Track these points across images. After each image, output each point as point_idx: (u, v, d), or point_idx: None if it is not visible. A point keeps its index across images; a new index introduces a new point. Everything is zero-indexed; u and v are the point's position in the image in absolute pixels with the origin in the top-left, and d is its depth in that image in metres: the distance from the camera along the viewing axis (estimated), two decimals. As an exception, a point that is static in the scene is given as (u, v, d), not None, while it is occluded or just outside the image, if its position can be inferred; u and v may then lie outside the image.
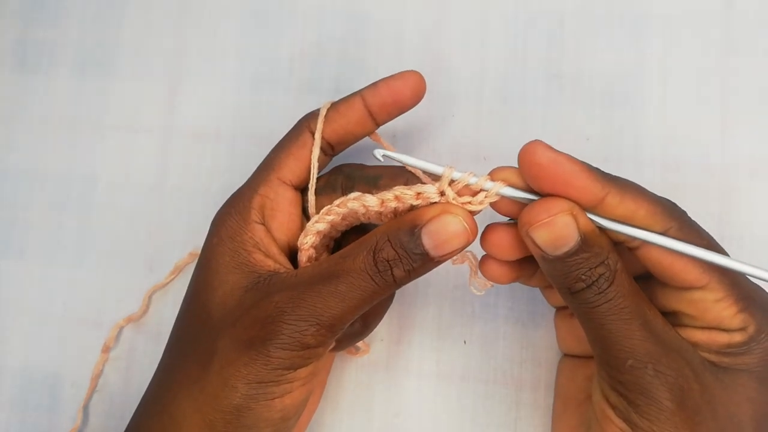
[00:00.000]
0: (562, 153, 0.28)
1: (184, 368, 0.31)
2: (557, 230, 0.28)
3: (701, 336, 0.29)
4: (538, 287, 0.36)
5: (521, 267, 0.32)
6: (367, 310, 0.31)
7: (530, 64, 0.42)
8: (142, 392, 0.34)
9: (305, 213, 0.35)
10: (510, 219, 0.32)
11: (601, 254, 0.28)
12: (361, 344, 0.40)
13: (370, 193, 0.31)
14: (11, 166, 0.46)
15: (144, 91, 0.46)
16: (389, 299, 0.36)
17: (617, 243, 0.29)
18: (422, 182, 0.31)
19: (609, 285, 0.28)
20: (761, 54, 0.40)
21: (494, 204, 0.30)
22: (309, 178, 0.34)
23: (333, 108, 0.35)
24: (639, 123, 0.40)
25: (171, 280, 0.43)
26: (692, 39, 0.41)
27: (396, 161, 0.31)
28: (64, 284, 0.44)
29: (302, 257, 0.33)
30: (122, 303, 0.43)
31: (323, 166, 0.36)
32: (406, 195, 0.30)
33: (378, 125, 0.35)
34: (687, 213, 0.30)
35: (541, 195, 0.29)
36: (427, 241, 0.29)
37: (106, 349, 0.43)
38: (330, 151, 0.36)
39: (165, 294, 0.43)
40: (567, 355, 0.37)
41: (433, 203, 0.30)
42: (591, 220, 0.29)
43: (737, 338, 0.29)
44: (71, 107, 0.46)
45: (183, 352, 0.32)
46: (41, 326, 0.44)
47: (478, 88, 0.42)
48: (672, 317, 0.30)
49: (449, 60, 0.43)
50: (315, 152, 0.34)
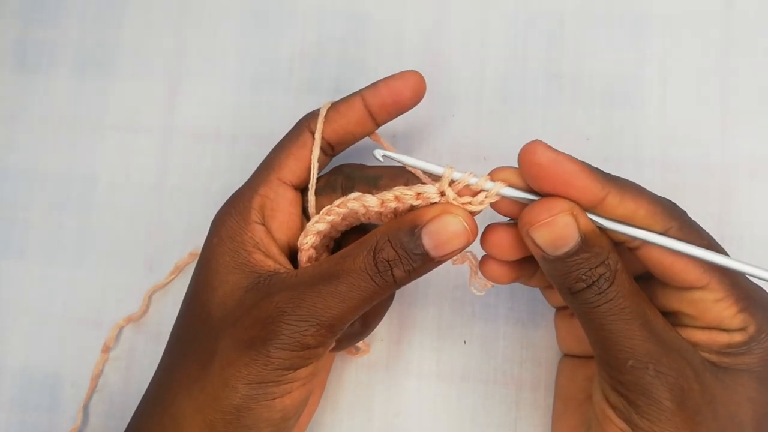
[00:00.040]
0: (562, 153, 0.28)
1: (185, 368, 0.31)
2: (557, 230, 0.28)
3: (701, 336, 0.29)
4: (538, 287, 0.36)
5: (521, 267, 0.32)
6: (367, 311, 0.31)
7: (530, 64, 0.42)
8: (142, 392, 0.34)
9: (305, 213, 0.35)
10: (510, 219, 0.32)
11: (602, 254, 0.28)
12: (361, 344, 0.40)
13: (370, 194, 0.31)
14: (11, 166, 0.46)
15: (144, 91, 0.46)
16: (389, 299, 0.36)
17: (617, 243, 0.29)
18: (422, 182, 0.31)
19: (609, 285, 0.28)
20: (761, 54, 0.40)
21: (494, 204, 0.30)
22: (309, 178, 0.34)
23: (333, 108, 0.35)
24: (639, 123, 0.40)
25: (171, 280, 0.43)
26: (692, 39, 0.41)
27: (396, 161, 0.31)
28: (64, 284, 0.44)
29: (302, 257, 0.33)
30: (122, 303, 0.43)
31: (323, 166, 0.36)
32: (406, 195, 0.30)
33: (378, 125, 0.35)
34: (687, 213, 0.30)
35: (542, 195, 0.29)
36: (428, 242, 0.29)
37: (106, 349, 0.43)
38: (330, 151, 0.35)
39: (165, 294, 0.43)
40: (567, 355, 0.37)
41: (434, 203, 0.30)
42: (591, 220, 0.29)
43: (737, 338, 0.29)
44: (71, 107, 0.46)
45: (183, 352, 0.32)
46: (41, 326, 0.44)
47: (478, 88, 0.42)
48: (672, 317, 0.30)
49: (449, 60, 0.43)
50: (315, 152, 0.34)
